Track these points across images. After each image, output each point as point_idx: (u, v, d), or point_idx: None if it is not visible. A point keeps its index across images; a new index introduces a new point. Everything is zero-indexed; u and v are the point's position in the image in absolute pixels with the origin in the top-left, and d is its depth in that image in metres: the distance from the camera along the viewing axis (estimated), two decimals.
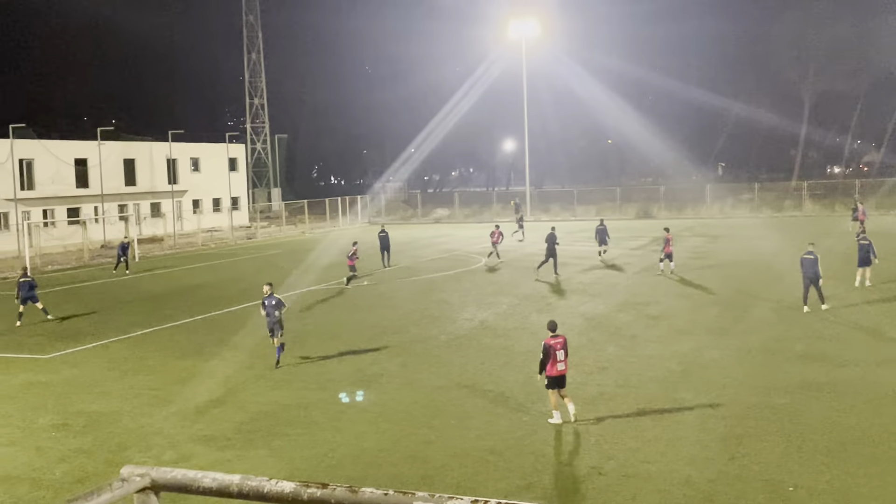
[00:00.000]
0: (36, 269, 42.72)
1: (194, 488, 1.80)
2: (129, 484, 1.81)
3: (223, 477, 1.80)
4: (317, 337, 22.96)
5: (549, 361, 14.59)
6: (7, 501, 12.04)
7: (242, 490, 1.78)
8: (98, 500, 1.74)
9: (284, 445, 14.11)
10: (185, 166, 68.75)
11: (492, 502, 1.57)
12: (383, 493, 1.70)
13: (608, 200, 73.52)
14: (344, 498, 1.72)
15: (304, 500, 1.75)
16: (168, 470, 1.85)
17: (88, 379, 19.07)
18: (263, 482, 1.77)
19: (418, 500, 1.66)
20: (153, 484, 1.84)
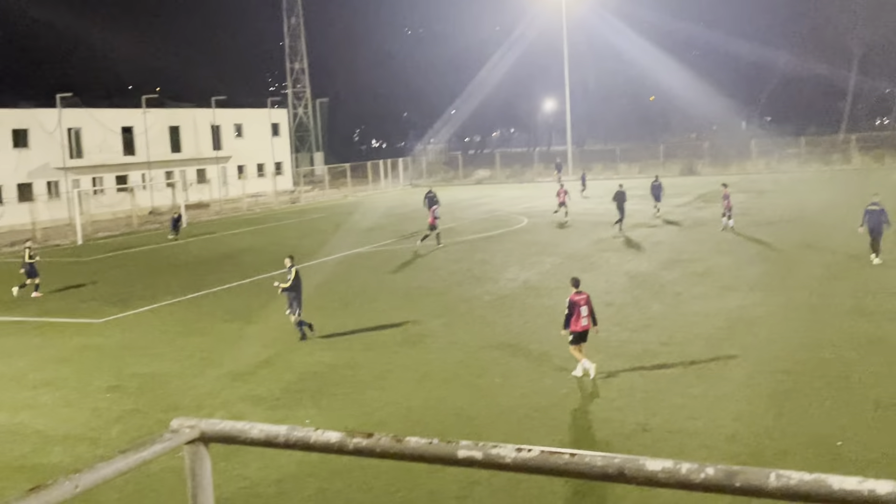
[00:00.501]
0: (87, 237, 43.60)
1: (242, 439, 1.84)
2: (179, 435, 1.85)
3: (270, 428, 1.83)
4: (361, 299, 23.16)
5: (574, 317, 14.71)
6: (67, 460, 12.43)
7: (289, 440, 1.81)
8: (149, 451, 1.79)
9: (332, 405, 14.33)
10: (229, 132, 69.26)
11: (535, 449, 1.58)
12: (427, 441, 1.72)
13: (651, 158, 72.58)
14: (389, 447, 1.74)
15: (349, 449, 1.77)
16: (217, 422, 1.89)
17: (140, 342, 19.49)
18: (310, 432, 1.80)
19: (462, 448, 1.68)
20: (202, 435, 1.88)
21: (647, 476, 1.57)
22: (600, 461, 1.61)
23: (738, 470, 1.50)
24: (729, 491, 1.50)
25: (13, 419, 14.41)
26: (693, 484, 1.53)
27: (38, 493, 1.57)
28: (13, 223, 49.39)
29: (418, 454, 1.75)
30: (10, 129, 52.18)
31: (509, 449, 1.69)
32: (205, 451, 1.92)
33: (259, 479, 11.24)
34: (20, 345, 19.86)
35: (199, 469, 1.92)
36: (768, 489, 1.46)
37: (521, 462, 1.67)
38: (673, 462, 1.57)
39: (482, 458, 1.70)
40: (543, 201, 50.50)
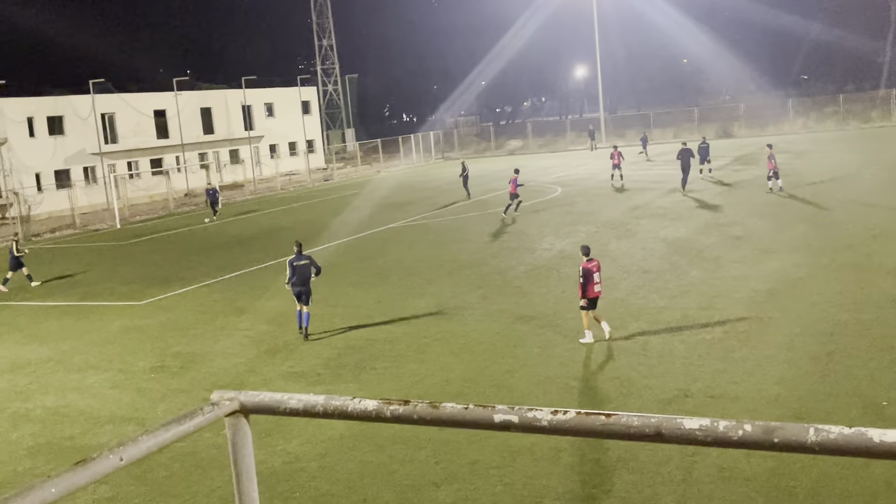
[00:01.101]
0: (124, 220, 44.19)
1: (281, 409, 1.86)
2: (220, 408, 1.88)
3: (308, 398, 1.85)
4: (397, 273, 23.25)
5: (588, 284, 14.76)
6: (114, 440, 12.68)
7: (327, 409, 1.83)
8: (190, 424, 1.81)
9: (372, 378, 14.45)
10: (260, 112, 69.53)
11: (570, 412, 1.58)
12: (464, 407, 1.73)
13: (686, 122, 71.68)
14: (425, 413, 1.75)
15: (386, 416, 1.79)
16: (256, 393, 1.92)
17: (182, 322, 19.77)
18: (347, 401, 1.82)
19: (498, 412, 1.68)
20: (242, 407, 1.90)
21: (685, 435, 1.56)
22: (637, 421, 1.61)
23: (777, 426, 1.49)
24: (767, 447, 1.49)
25: (61, 401, 14.72)
26: (731, 441, 1.52)
27: (85, 465, 1.60)
28: (52, 209, 50.19)
29: (455, 420, 1.76)
30: (45, 116, 52.86)
31: (545, 412, 1.70)
32: (245, 423, 1.95)
33: (302, 453, 11.39)
34: (64, 328, 20.25)
35: (241, 440, 1.95)
36: (808, 444, 1.45)
37: (557, 424, 1.67)
38: (710, 420, 1.56)
39: (518, 422, 1.71)
40: (577, 170, 50.16)
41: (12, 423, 13.84)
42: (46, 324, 20.96)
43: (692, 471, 9.81)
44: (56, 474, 1.57)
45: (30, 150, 51.36)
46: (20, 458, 12.32)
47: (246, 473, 1.95)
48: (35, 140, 52.07)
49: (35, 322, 21.29)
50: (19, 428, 13.59)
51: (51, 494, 1.52)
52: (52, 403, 14.66)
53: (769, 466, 9.73)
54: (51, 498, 1.53)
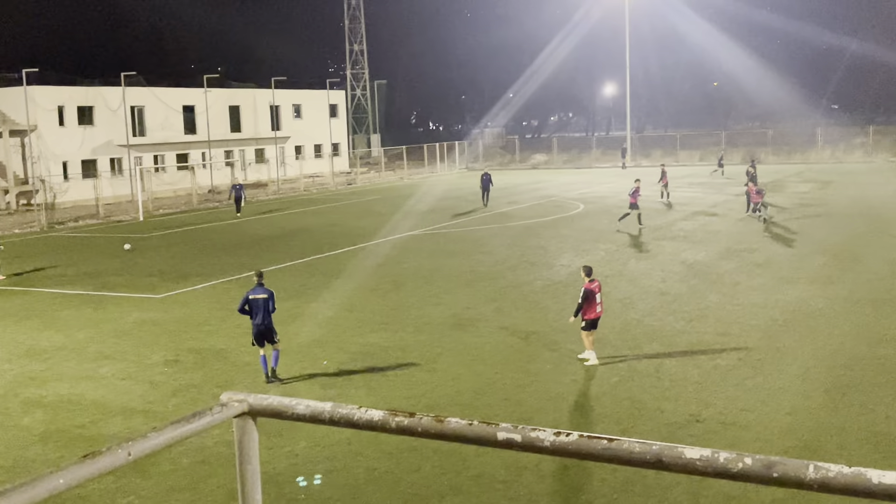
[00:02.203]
0: (148, 213, 44.54)
1: (289, 414, 1.88)
2: (228, 409, 1.91)
3: (316, 404, 1.88)
4: (414, 281, 23.29)
5: (589, 305, 14.69)
6: (124, 431, 12.77)
7: (333, 417, 1.85)
8: (199, 423, 1.84)
9: (383, 385, 14.47)
10: (288, 113, 69.93)
11: (573, 434, 1.59)
12: (468, 423, 1.75)
13: (712, 145, 71.43)
14: (430, 427, 1.77)
15: (392, 427, 1.81)
16: (264, 397, 1.94)
17: (197, 318, 19.89)
18: (353, 410, 1.84)
19: (502, 430, 1.70)
20: (251, 409, 1.93)
21: (684, 464, 1.57)
22: (638, 448, 1.62)
23: (777, 461, 1.50)
24: (767, 481, 1.50)
25: (73, 390, 14.84)
26: (731, 473, 1.53)
27: (93, 459, 1.63)
28: (77, 198, 50.67)
29: (459, 435, 1.78)
30: (76, 106, 53.42)
31: (548, 433, 1.71)
32: (252, 425, 1.97)
33: (309, 456, 11.42)
34: (81, 317, 20.42)
35: (247, 442, 1.97)
36: (806, 481, 1.46)
37: (559, 446, 1.69)
38: (711, 451, 1.57)
39: (521, 441, 1.72)
40: (601, 187, 50.08)
41: (25, 408, 13.97)
42: (64, 312, 21.15)
43: (699, 497, 9.76)
44: (65, 466, 1.60)
45: (58, 139, 51.91)
46: (30, 443, 12.43)
47: (251, 476, 1.98)
48: (64, 129, 52.62)
49: (52, 309, 21.48)
50: (31, 413, 13.71)
51: (59, 485, 1.56)
52: (64, 391, 14.78)
53: (777, 496, 9.66)
54: (59, 488, 1.56)
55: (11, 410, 13.86)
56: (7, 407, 14.05)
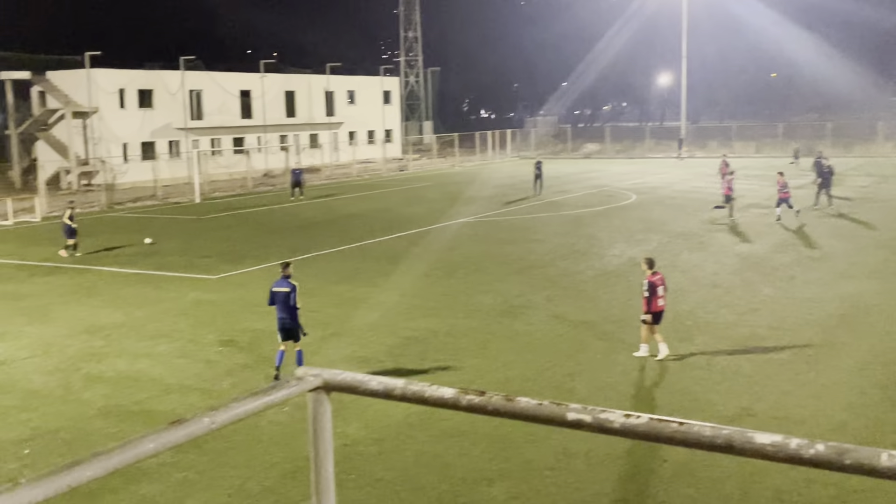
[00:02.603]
0: (204, 196, 45.25)
1: (362, 390, 1.94)
2: (304, 383, 1.97)
3: (388, 381, 1.93)
4: (465, 268, 23.34)
5: (653, 297, 14.50)
6: (180, 408, 13.07)
7: (405, 394, 1.90)
8: (277, 396, 1.91)
9: (433, 370, 14.56)
10: (342, 99, 70.36)
11: (643, 416, 1.62)
12: (538, 403, 1.78)
13: (769, 136, 70.12)
14: (500, 406, 1.81)
15: (462, 405, 1.85)
16: (338, 372, 2.00)
17: (252, 299, 20.18)
18: (425, 387, 1.89)
19: (571, 411, 1.73)
20: (325, 384, 1.99)
21: (755, 449, 1.59)
22: (709, 431, 1.64)
23: (850, 448, 1.51)
24: (838, 468, 1.52)
25: (132, 366, 15.22)
26: (802, 459, 1.55)
27: (180, 425, 1.71)
28: (136, 180, 51.69)
29: (528, 414, 1.82)
30: (136, 89, 54.42)
31: (618, 414, 1.74)
32: (326, 400, 2.04)
33: (360, 438, 11.57)
34: (139, 296, 20.88)
35: (321, 415, 2.04)
36: (880, 468, 1.47)
37: (629, 427, 1.72)
38: (783, 436, 1.59)
39: (591, 422, 1.76)
40: (654, 178, 49.56)
41: (86, 383, 14.37)
42: (124, 290, 21.64)
43: (750, 492, 9.68)
44: (153, 431, 1.68)
45: (119, 121, 52.98)
46: (91, 417, 12.78)
47: (324, 448, 2.04)
48: (125, 111, 53.67)
49: (113, 287, 22.00)
50: (92, 388, 14.09)
51: (149, 448, 1.63)
52: (123, 367, 15.16)
53: (830, 494, 9.54)
54: (148, 452, 1.64)
55: (73, 385, 14.27)
56: (69, 381, 14.46)
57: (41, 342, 16.89)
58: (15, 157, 53.51)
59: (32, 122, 52.79)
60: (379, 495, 9.93)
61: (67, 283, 22.62)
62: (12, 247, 29.41)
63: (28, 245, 29.75)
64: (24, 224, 35.84)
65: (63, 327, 17.98)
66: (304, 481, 10.90)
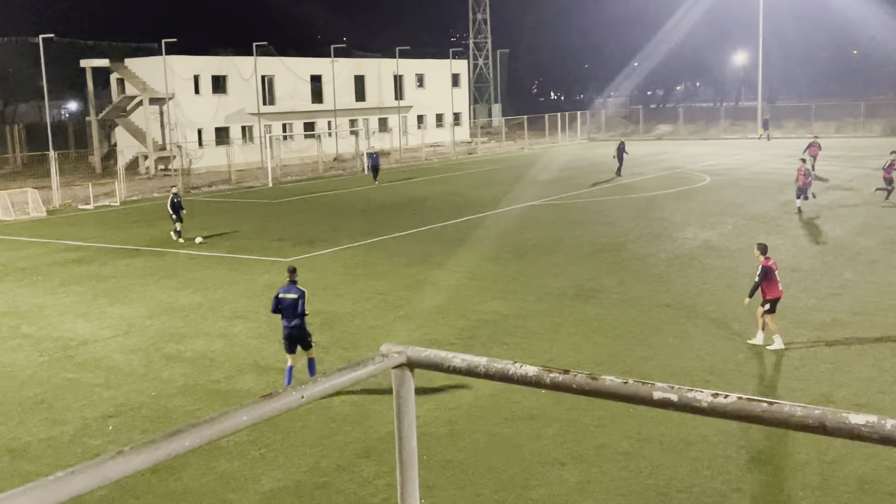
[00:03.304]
0: (276, 180, 45.98)
1: (445, 367, 1.96)
2: (389, 359, 2.00)
3: (472, 358, 1.94)
4: (536, 251, 23.26)
5: (771, 283, 14.02)
6: (257, 388, 13.36)
7: (489, 371, 1.91)
8: (363, 371, 1.94)
9: (503, 353, 14.57)
10: (411, 82, 70.56)
11: (732, 396, 1.60)
12: (623, 381, 1.78)
13: (850, 116, 67.93)
14: (584, 384, 1.81)
15: (546, 383, 1.85)
16: (421, 349, 2.02)
17: (324, 282, 20.49)
18: (508, 365, 1.90)
19: (658, 390, 1.72)
20: (409, 361, 2.01)
21: (849, 429, 1.56)
22: (800, 412, 1.62)
23: None
24: None
25: (209, 346, 15.60)
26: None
27: (272, 398, 1.76)
28: (211, 164, 52.80)
29: (613, 392, 1.81)
30: (210, 75, 55.48)
31: (706, 394, 1.73)
32: (410, 376, 2.06)
33: (431, 419, 11.66)
34: (216, 278, 21.37)
35: (405, 391, 2.07)
36: None
37: (717, 407, 1.70)
38: (878, 417, 1.55)
39: (678, 401, 1.74)
40: (729, 159, 48.52)
41: (166, 362, 14.79)
42: (200, 272, 22.17)
43: (830, 479, 9.46)
44: (247, 404, 1.73)
45: (194, 107, 54.12)
46: (171, 395, 13.16)
47: (408, 422, 2.07)
48: (199, 97, 54.80)
49: (190, 270, 22.56)
50: (171, 367, 14.50)
51: (243, 420, 1.68)
52: (201, 347, 15.56)
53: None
54: (242, 424, 1.69)
55: (154, 364, 14.70)
56: (150, 360, 14.91)
57: (123, 322, 17.44)
58: (95, 143, 55.18)
59: (111, 108, 54.31)
60: (450, 476, 10.01)
61: (147, 266, 23.28)
62: (94, 230, 30.38)
63: (109, 228, 30.70)
64: (104, 208, 36.96)
65: (143, 308, 18.52)
66: (377, 460, 11.08)
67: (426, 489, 9.58)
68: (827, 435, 1.60)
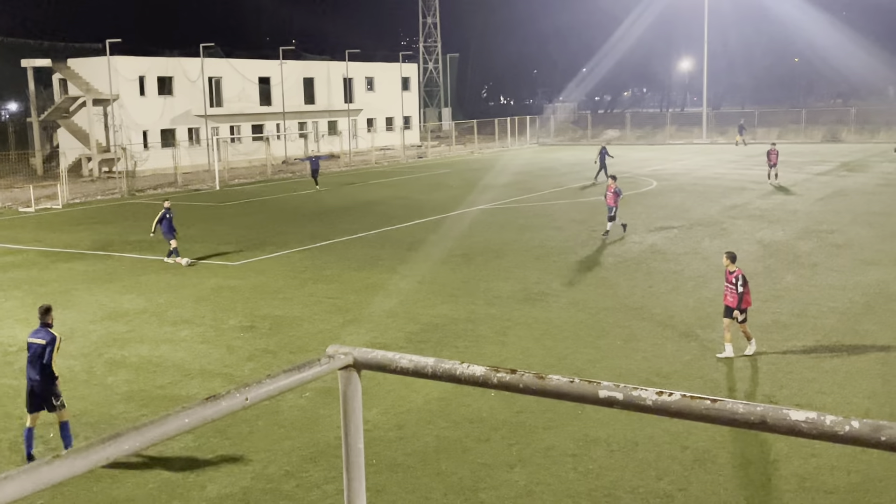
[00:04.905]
0: (224, 183, 45.42)
1: (392, 368, 1.95)
2: (335, 361, 1.98)
3: (419, 359, 1.93)
4: (484, 255, 23.33)
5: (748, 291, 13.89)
6: (202, 393, 13.17)
7: (436, 372, 1.91)
8: (308, 373, 1.91)
9: (453, 356, 14.57)
10: (361, 85, 70.31)
11: (676, 394, 1.62)
12: (569, 380, 1.78)
13: (792, 123, 69.53)
14: (531, 383, 1.81)
15: (494, 383, 1.85)
16: (368, 350, 2.01)
17: (272, 285, 20.30)
18: (456, 365, 1.89)
19: (603, 388, 1.73)
20: (355, 362, 2.00)
21: (789, 426, 1.59)
22: (742, 409, 1.64)
23: (885, 425, 1.50)
24: (873, 445, 1.51)
25: (154, 351, 15.34)
26: (837, 436, 1.54)
27: (215, 401, 1.72)
28: (157, 167, 51.97)
29: (560, 392, 1.82)
30: (156, 76, 54.63)
31: (650, 392, 1.74)
32: (357, 378, 2.05)
33: (380, 422, 11.62)
34: (161, 282, 21.03)
35: (351, 393, 2.05)
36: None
37: (661, 405, 1.71)
38: (817, 413, 1.58)
39: (623, 399, 1.75)
40: (675, 164, 49.27)
41: (109, 368, 14.50)
42: (145, 276, 21.80)
43: (772, 478, 9.65)
44: (189, 406, 1.69)
45: (139, 108, 53.23)
46: (115, 402, 12.91)
47: (354, 424, 2.05)
48: (145, 99, 53.92)
49: (135, 274, 22.16)
50: (115, 373, 14.22)
51: (184, 424, 1.65)
52: (146, 353, 15.29)
53: (853, 481, 9.50)
54: (184, 427, 1.66)
55: (96, 370, 14.41)
56: (92, 366, 14.60)
57: (64, 327, 17.03)
58: (37, 145, 53.92)
59: (54, 109, 53.14)
60: (399, 480, 9.98)
61: (89, 270, 22.81)
62: (35, 233, 29.69)
63: (51, 231, 30.03)
64: (46, 211, 36.15)
65: (86, 313, 18.14)
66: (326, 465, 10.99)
67: (375, 493, 9.54)
68: (768, 431, 1.62)
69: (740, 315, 13.69)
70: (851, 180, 38.77)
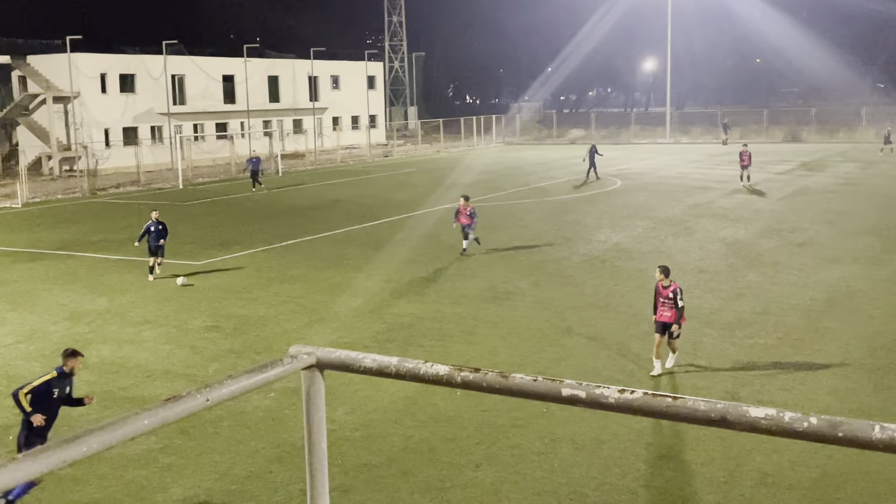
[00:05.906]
0: (187, 181, 44.97)
1: (356, 367, 1.94)
2: (298, 361, 1.97)
3: (382, 359, 1.93)
4: (451, 253, 23.34)
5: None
6: (166, 394, 13.02)
7: (400, 371, 1.90)
8: (271, 373, 1.90)
9: (419, 355, 14.52)
10: (326, 84, 70.01)
11: (638, 392, 1.63)
12: (532, 379, 1.79)
13: (754, 123, 70.42)
14: (495, 382, 1.81)
15: (457, 382, 1.85)
16: (332, 350, 2.00)
17: (237, 285, 20.14)
18: (419, 364, 1.89)
19: (566, 387, 1.74)
20: (318, 362, 1.99)
21: (749, 422, 1.60)
22: (703, 406, 1.65)
23: (842, 421, 1.52)
24: (832, 441, 1.53)
25: (117, 353, 15.15)
26: (796, 432, 1.56)
27: (175, 402, 1.70)
28: (119, 165, 51.32)
29: (523, 390, 1.82)
30: (118, 73, 53.95)
31: (612, 390, 1.75)
32: (320, 378, 2.04)
33: (346, 423, 11.58)
34: (124, 282, 20.77)
35: (314, 393, 2.04)
36: (872, 440, 1.49)
37: (623, 403, 1.72)
38: (776, 410, 1.60)
39: (585, 398, 1.76)
40: (639, 164, 49.68)
41: None
42: (107, 277, 21.52)
43: (735, 474, 9.76)
44: (148, 407, 1.67)
45: (101, 106, 52.53)
46: None
47: (317, 425, 2.04)
48: (106, 96, 53.23)
49: (96, 274, 21.87)
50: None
51: (144, 425, 1.63)
52: (108, 354, 15.09)
53: (813, 476, 9.64)
54: (143, 429, 1.63)
55: None
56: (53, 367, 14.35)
57: (24, 328, 16.79)
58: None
59: (13, 107, 52.26)
60: (365, 480, 9.95)
61: (50, 270, 22.47)
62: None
63: (10, 231, 29.53)
64: (5, 210, 35.54)
65: (46, 313, 17.87)
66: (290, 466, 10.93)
67: (342, 493, 9.51)
68: (729, 428, 1.64)
69: (677, 329, 13.18)
70: (812, 180, 39.36)
